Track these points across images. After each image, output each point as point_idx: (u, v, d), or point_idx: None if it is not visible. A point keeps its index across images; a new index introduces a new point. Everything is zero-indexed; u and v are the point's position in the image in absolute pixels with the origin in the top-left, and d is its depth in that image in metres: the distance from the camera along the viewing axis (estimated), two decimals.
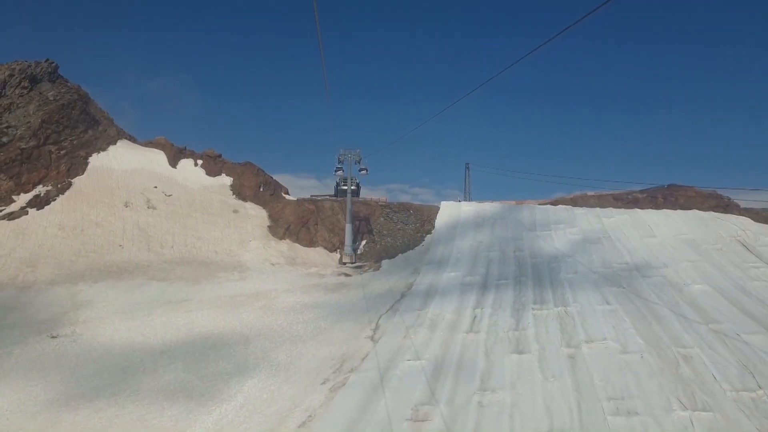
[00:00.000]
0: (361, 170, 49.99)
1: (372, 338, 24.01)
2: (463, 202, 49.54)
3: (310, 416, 17.22)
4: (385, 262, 41.98)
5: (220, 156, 56.34)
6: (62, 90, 48.46)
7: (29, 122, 44.88)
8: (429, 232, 44.66)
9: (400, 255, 43.88)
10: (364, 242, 50.57)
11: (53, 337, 24.81)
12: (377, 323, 26.21)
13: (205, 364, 22.46)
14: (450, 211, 44.03)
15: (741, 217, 36.14)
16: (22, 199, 41.59)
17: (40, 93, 47.73)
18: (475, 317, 24.32)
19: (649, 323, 21.55)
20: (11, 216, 38.97)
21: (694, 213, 36.79)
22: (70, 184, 44.37)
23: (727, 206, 43.38)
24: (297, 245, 47.59)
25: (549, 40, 12.26)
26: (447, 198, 69.65)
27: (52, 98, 47.55)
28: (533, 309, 24.43)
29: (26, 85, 47.28)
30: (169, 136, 57.52)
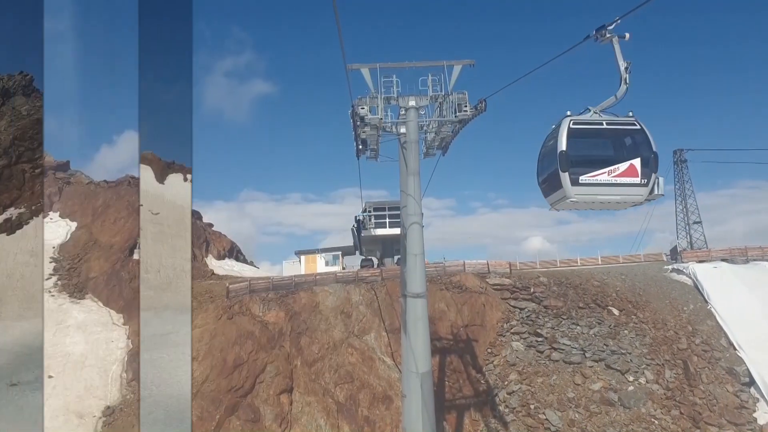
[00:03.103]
0: None
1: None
2: None
3: None
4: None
5: None
6: (37, 104, 44.75)
7: None
8: None
9: None
10: None
11: (13, 384, 21.00)
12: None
13: (185, 416, 18.66)
14: None
15: None
16: None
17: (13, 108, 43.99)
18: None
19: None
20: None
21: None
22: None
23: None
24: None
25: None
26: None
27: (25, 113, 43.85)
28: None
29: None
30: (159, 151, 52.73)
